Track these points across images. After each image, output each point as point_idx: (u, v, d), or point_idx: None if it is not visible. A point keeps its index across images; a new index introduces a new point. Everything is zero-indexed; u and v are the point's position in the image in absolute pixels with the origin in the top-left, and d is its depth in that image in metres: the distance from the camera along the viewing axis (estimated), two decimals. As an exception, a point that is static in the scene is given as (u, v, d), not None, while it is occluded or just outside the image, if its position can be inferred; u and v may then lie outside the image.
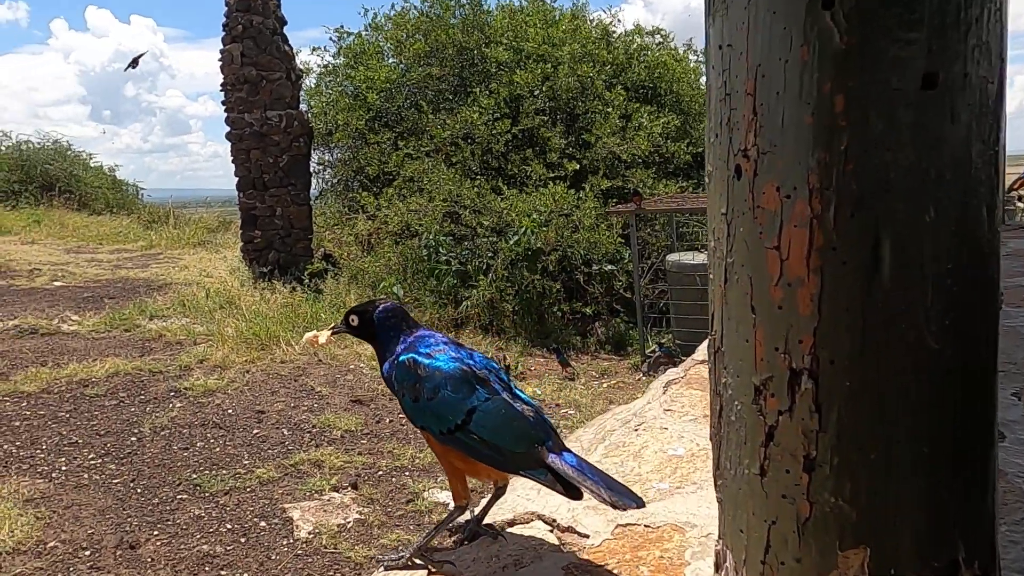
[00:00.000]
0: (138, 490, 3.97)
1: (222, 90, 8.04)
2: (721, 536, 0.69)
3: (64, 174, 12.61)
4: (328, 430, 4.78)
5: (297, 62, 8.57)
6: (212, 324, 6.58)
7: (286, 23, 8.46)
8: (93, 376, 5.39)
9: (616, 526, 0.90)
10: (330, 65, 9.77)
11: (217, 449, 4.47)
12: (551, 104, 8.30)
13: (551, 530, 0.91)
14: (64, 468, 4.15)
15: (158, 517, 3.72)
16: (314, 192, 9.16)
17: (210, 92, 9.18)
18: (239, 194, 8.13)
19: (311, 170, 8.66)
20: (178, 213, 12.60)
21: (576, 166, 7.74)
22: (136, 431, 4.63)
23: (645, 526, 0.90)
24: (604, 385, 6.28)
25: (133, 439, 4.54)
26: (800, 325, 0.59)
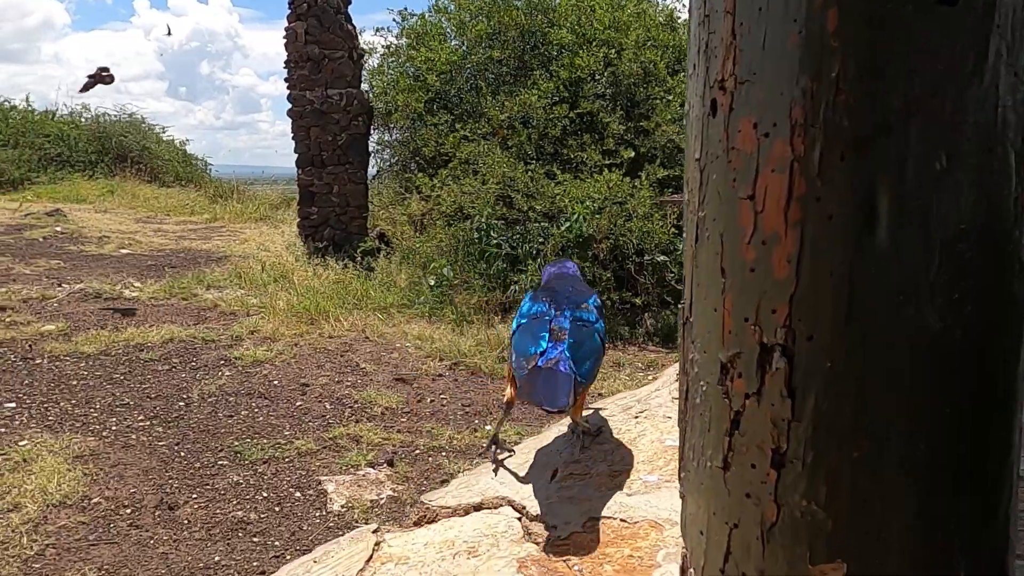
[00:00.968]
0: (181, 453, 4.06)
1: (285, 67, 8.16)
2: (683, 537, 0.59)
3: (138, 146, 13.12)
4: (369, 406, 4.80)
5: (360, 42, 8.63)
6: (265, 297, 6.72)
7: (350, 2, 8.52)
8: (149, 341, 5.56)
9: (588, 519, 0.81)
10: (392, 46, 9.82)
11: (260, 418, 4.54)
12: (612, 89, 8.12)
13: (519, 518, 0.83)
14: (114, 428, 4.28)
15: (198, 481, 3.80)
16: (372, 171, 9.23)
17: (280, 72, 9.53)
18: (298, 171, 8.25)
19: (369, 149, 8.72)
20: (243, 189, 12.95)
21: (632, 153, 7.54)
22: (185, 396, 4.74)
23: (621, 520, 0.80)
24: (649, 377, 6.12)
25: (181, 404, 4.65)
26: (774, 291, 0.49)
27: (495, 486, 0.91)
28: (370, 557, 0.76)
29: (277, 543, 3.32)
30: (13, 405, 4.43)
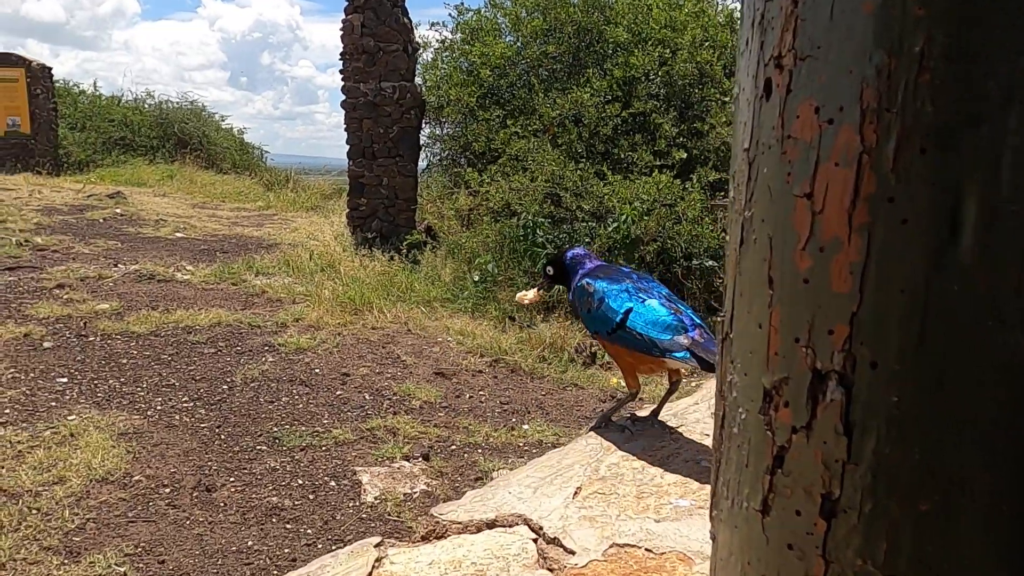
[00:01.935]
0: (222, 436, 4.12)
1: (341, 59, 8.24)
2: (712, 583, 0.52)
3: (198, 133, 13.49)
4: (407, 399, 4.80)
5: (416, 36, 8.65)
6: (312, 285, 6.80)
7: (408, -4, 8.55)
8: (197, 324, 5.67)
9: (611, 545, 0.74)
10: (447, 40, 9.82)
11: (300, 406, 4.58)
12: (665, 90, 7.95)
13: (535, 539, 0.76)
14: (159, 407, 4.37)
15: (236, 464, 3.84)
16: (422, 165, 9.25)
17: (338, 64, 9.61)
18: (349, 162, 8.33)
19: (420, 143, 8.74)
20: (297, 178, 13.19)
21: (684, 155, 7.37)
22: (228, 380, 4.82)
23: (646, 550, 0.73)
24: (692, 384, 5.98)
25: (224, 387, 4.73)
26: (832, 307, 0.41)
27: (512, 501, 0.84)
28: (369, 574, 0.71)
29: (309, 531, 3.33)
30: (65, 380, 4.57)
